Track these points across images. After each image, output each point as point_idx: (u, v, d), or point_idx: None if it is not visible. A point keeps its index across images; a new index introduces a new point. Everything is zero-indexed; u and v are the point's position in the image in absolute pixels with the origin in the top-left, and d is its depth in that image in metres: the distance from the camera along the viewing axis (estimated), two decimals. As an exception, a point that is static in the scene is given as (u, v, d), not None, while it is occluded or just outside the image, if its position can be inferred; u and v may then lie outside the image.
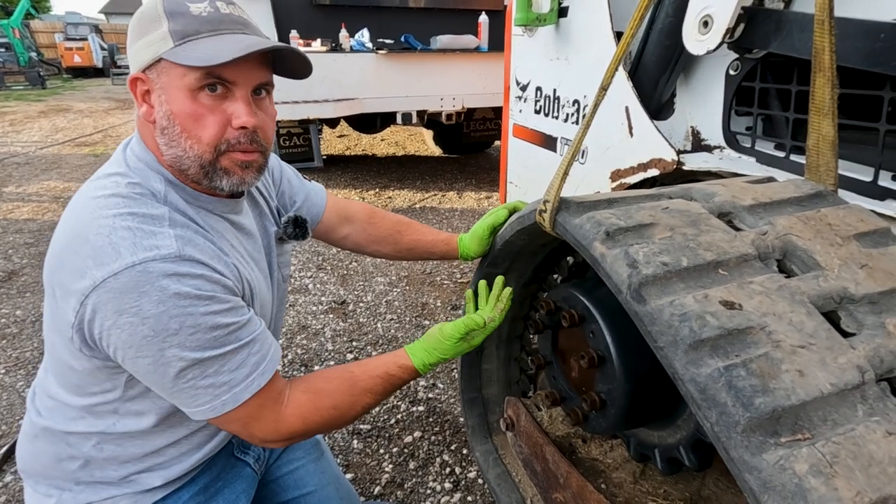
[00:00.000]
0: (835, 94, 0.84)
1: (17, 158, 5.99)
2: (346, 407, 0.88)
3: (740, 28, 1.07)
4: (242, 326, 0.78)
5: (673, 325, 0.62)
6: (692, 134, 1.36)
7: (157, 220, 0.74)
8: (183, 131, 0.75)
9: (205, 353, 0.74)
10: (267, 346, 0.82)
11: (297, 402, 0.85)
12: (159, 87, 0.75)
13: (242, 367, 0.78)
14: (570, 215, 0.82)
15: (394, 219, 1.24)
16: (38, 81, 13.92)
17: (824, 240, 0.74)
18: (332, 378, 0.91)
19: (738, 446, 0.53)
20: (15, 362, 2.29)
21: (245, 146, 0.78)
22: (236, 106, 0.76)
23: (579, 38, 1.55)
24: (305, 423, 0.84)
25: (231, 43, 0.73)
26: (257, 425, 0.81)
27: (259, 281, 0.91)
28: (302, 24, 4.19)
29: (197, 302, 0.72)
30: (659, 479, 1.12)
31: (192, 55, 0.71)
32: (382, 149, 6.63)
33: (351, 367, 0.94)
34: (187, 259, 0.72)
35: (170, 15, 0.73)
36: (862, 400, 0.57)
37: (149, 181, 0.78)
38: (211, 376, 0.75)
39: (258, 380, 0.79)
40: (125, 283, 0.68)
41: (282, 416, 0.83)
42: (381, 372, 0.93)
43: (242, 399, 0.78)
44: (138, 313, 0.69)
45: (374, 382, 0.91)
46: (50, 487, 0.89)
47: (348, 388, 0.89)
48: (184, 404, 0.78)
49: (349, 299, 2.83)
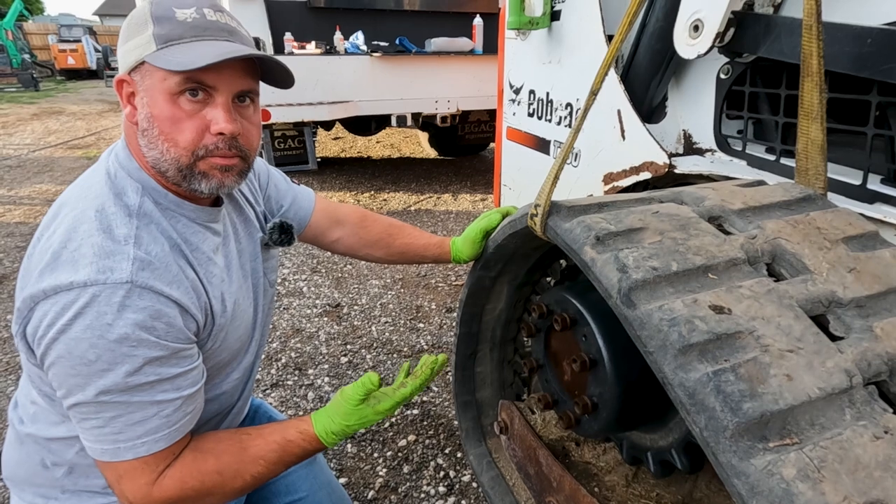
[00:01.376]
0: (823, 99, 0.85)
1: (9, 161, 5.94)
2: (232, 474, 0.79)
3: (730, 32, 1.08)
4: (165, 381, 0.73)
5: (662, 329, 0.62)
6: (684, 137, 1.36)
7: (122, 239, 0.73)
8: (161, 134, 0.75)
9: (108, 396, 0.70)
10: (179, 415, 0.76)
11: (179, 462, 0.77)
12: (143, 89, 0.75)
13: (138, 426, 0.72)
14: (560, 219, 0.82)
15: (386, 222, 1.24)
16: (31, 83, 13.83)
17: (813, 243, 0.74)
18: (223, 439, 0.83)
19: (726, 451, 0.53)
20: (5, 367, 2.27)
21: (223, 152, 0.77)
22: (215, 112, 0.75)
23: (571, 42, 1.56)
24: (182, 488, 0.76)
25: (211, 48, 0.73)
26: (129, 483, 0.75)
27: (233, 292, 0.89)
28: (296, 27, 4.19)
29: (123, 341, 0.69)
30: (651, 482, 1.12)
31: (171, 59, 0.72)
32: (377, 151, 6.63)
33: (248, 429, 0.86)
34: (139, 286, 0.70)
35: (156, 19, 0.73)
36: (850, 404, 0.57)
37: (125, 192, 0.78)
38: (102, 421, 0.71)
39: (148, 446, 0.73)
40: (70, 301, 0.68)
41: (159, 478, 0.75)
42: (278, 437, 0.83)
43: (122, 458, 0.73)
44: (64, 331, 0.68)
45: (269, 448, 0.82)
46: (35, 496, 0.88)
47: (237, 452, 0.80)
48: (75, 424, 0.75)
49: (343, 302, 2.82)
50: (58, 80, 17.10)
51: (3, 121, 8.75)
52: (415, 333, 2.53)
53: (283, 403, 2.03)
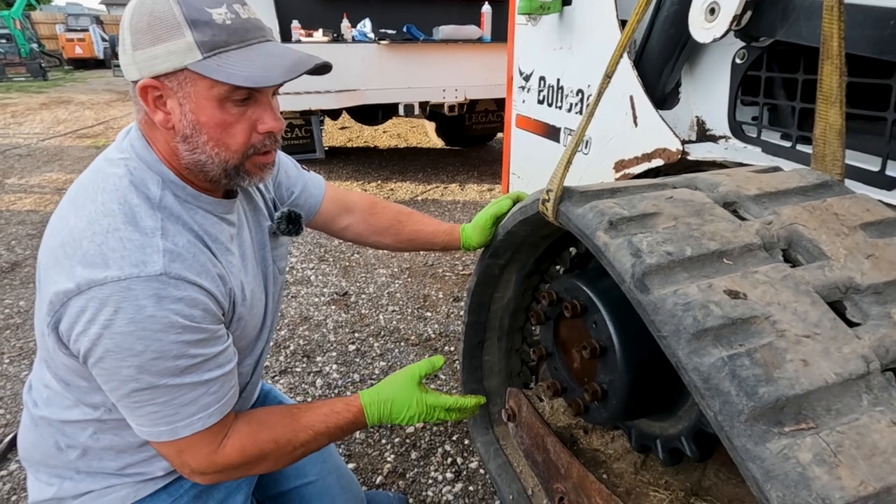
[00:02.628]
0: (843, 83, 0.83)
1: (19, 150, 5.99)
2: (285, 441, 0.86)
3: (747, 15, 1.06)
4: (208, 360, 0.77)
5: (676, 314, 0.61)
6: (697, 124, 1.34)
7: (150, 232, 0.73)
8: (210, 139, 0.75)
9: (160, 381, 0.73)
10: (226, 389, 0.81)
11: (238, 433, 0.83)
12: (181, 95, 0.73)
13: (192, 405, 0.77)
14: (573, 205, 0.81)
15: (395, 209, 1.24)
16: (39, 73, 13.87)
17: (830, 230, 0.73)
18: (274, 412, 0.90)
19: (741, 435, 0.53)
20: (19, 352, 2.30)
21: (269, 147, 0.80)
22: (262, 112, 0.77)
23: (583, 27, 1.54)
24: (243, 455, 0.83)
25: (267, 58, 0.73)
26: (191, 456, 0.80)
27: (250, 281, 0.90)
28: (304, 15, 4.16)
29: (169, 329, 0.71)
30: (660, 470, 1.13)
31: (229, 72, 0.70)
32: (384, 141, 6.61)
33: (297, 404, 0.95)
34: (173, 277, 0.72)
35: (193, 24, 0.70)
36: (867, 390, 0.56)
37: (146, 184, 0.77)
38: (158, 405, 0.75)
39: (203, 421, 0.78)
40: (106, 296, 0.69)
41: (219, 447, 0.81)
42: (326, 409, 0.91)
43: (180, 435, 0.77)
44: (109, 326, 0.69)
45: (317, 419, 0.90)
46: (51, 476, 0.89)
47: (290, 422, 0.88)
48: (127, 416, 0.78)
49: (351, 291, 2.83)
50: (66, 69, 17.15)
51: (13, 110, 8.80)
52: (422, 322, 2.53)
53: (292, 390, 2.05)
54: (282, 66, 0.73)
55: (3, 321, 2.54)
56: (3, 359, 2.25)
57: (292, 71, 0.73)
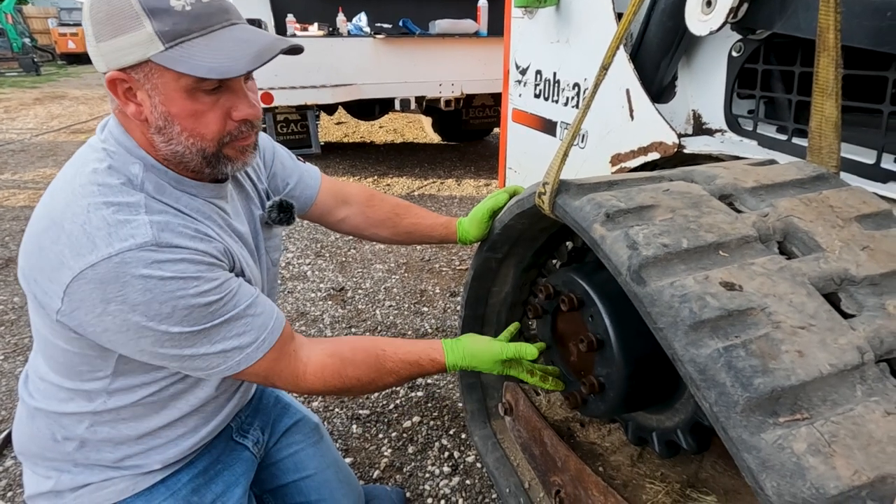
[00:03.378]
0: (839, 75, 0.83)
1: (12, 146, 5.93)
2: (368, 381, 0.91)
3: (744, 8, 1.05)
4: (235, 293, 0.79)
5: (673, 306, 0.61)
6: (693, 117, 1.34)
7: (133, 207, 0.73)
8: (184, 130, 0.74)
9: (206, 325, 0.75)
10: (268, 307, 0.84)
11: (320, 364, 0.87)
12: (149, 87, 0.72)
13: (249, 331, 0.80)
14: (569, 197, 0.81)
15: (392, 202, 1.23)
16: (32, 68, 13.73)
17: (826, 222, 0.73)
18: (359, 350, 0.92)
19: (736, 426, 0.53)
20: (14, 348, 2.29)
21: (246, 134, 0.79)
22: (235, 99, 0.76)
23: (580, 20, 1.53)
24: (325, 385, 0.88)
25: (230, 43, 0.71)
26: (277, 378, 0.85)
27: (249, 262, 0.90)
28: (299, 8, 4.13)
29: (184, 284, 0.72)
30: (656, 462, 1.13)
31: (196, 63, 0.68)
32: (381, 136, 6.59)
33: (382, 344, 0.95)
34: (165, 245, 0.71)
35: (151, 13, 0.67)
36: (861, 380, 0.56)
37: (126, 166, 0.77)
38: (219, 342, 0.78)
39: (268, 338, 0.82)
40: (104, 274, 0.68)
41: (301, 373, 0.86)
42: (413, 359, 0.94)
43: (255, 359, 0.81)
44: (126, 301, 0.69)
45: (402, 367, 0.93)
46: (49, 469, 0.89)
47: (375, 365, 0.91)
48: (198, 369, 0.80)
49: (348, 286, 2.83)
50: (59, 64, 16.99)
51: (6, 105, 8.72)
52: (419, 317, 2.53)
53: (289, 385, 2.05)
54: (249, 53, 0.70)
55: (-3, 317, 2.53)
56: (-2, 355, 2.24)
57: (259, 58, 0.70)
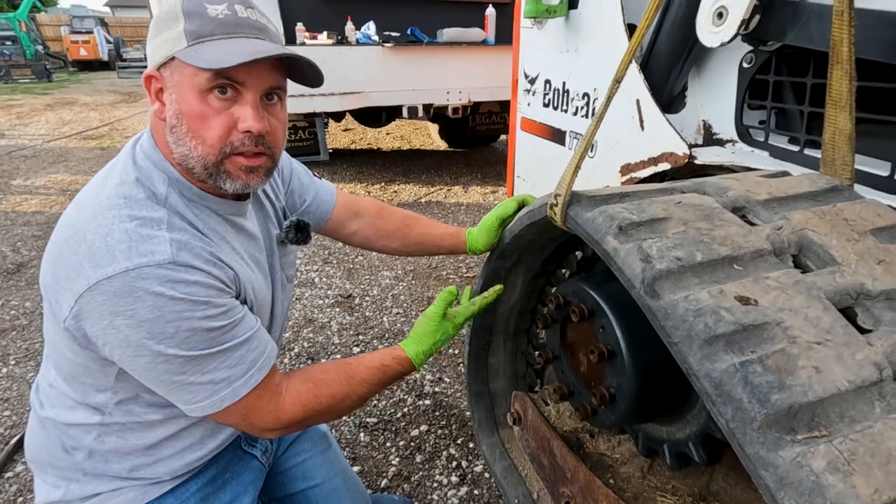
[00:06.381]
0: (853, 87, 0.83)
1: (24, 151, 6.01)
2: (343, 395, 0.91)
3: (755, 19, 1.06)
4: (238, 324, 0.79)
5: (687, 320, 0.61)
6: (704, 128, 1.34)
7: (155, 223, 0.74)
8: (189, 130, 0.75)
9: (203, 351, 0.75)
10: (264, 342, 0.84)
11: (297, 391, 0.87)
12: (171, 85, 0.75)
13: (241, 364, 0.79)
14: (581, 209, 0.81)
15: (402, 213, 1.24)
16: (44, 74, 13.94)
17: (840, 235, 0.73)
18: (329, 370, 0.93)
19: (753, 442, 0.53)
20: (25, 353, 2.31)
21: (250, 148, 0.77)
22: (244, 110, 0.76)
23: (590, 30, 1.54)
24: (305, 411, 0.87)
25: (242, 46, 0.73)
26: (256, 416, 0.84)
27: (259, 283, 0.91)
28: (308, 17, 4.17)
29: (193, 307, 0.73)
30: (667, 474, 1.12)
31: (201, 56, 0.71)
32: (388, 143, 6.62)
33: (348, 360, 0.97)
34: (182, 265, 0.72)
35: (187, 15, 0.73)
36: (879, 397, 0.56)
37: (152, 181, 0.78)
38: (210, 372, 0.77)
39: (256, 375, 0.81)
40: (119, 287, 0.69)
41: (281, 405, 0.85)
42: (378, 363, 0.96)
43: (241, 394, 0.80)
44: (133, 316, 0.70)
45: (370, 373, 0.94)
46: (58, 479, 0.90)
47: (346, 379, 0.92)
48: (182, 401, 0.79)
49: (355, 293, 2.83)
50: (70, 71, 17.23)
51: (18, 111, 8.85)
52: (426, 324, 2.53)
53: (296, 392, 2.05)
54: (244, 52, 0.72)
55: (8, 322, 2.55)
56: (8, 360, 2.26)
57: (250, 56, 0.71)
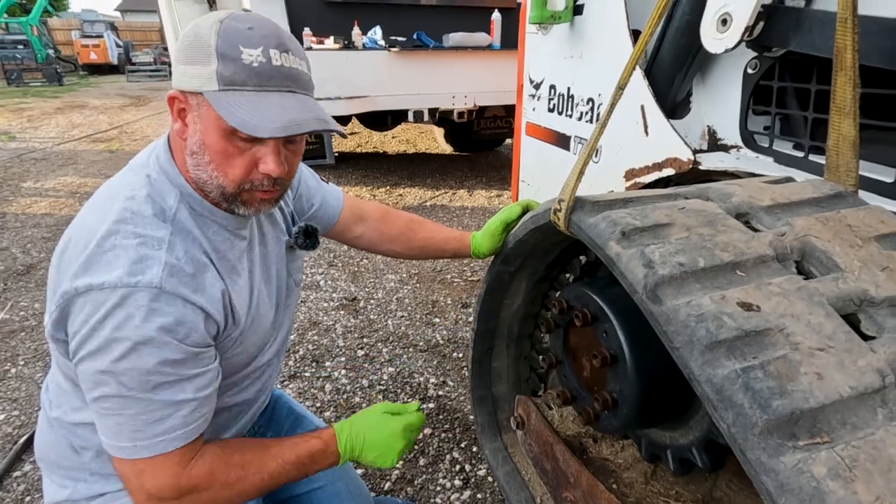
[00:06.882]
0: (856, 94, 0.83)
1: (34, 154, 6.09)
2: (255, 468, 0.84)
3: (759, 26, 1.06)
4: (183, 381, 0.76)
5: (689, 325, 0.61)
6: (708, 133, 1.34)
7: (156, 242, 0.75)
8: (212, 162, 0.76)
9: (130, 392, 0.73)
10: (196, 415, 0.78)
11: (208, 455, 0.81)
12: (196, 115, 0.75)
13: (156, 425, 0.75)
14: (585, 215, 0.82)
15: (406, 217, 1.25)
16: (54, 78, 14.12)
17: (844, 241, 0.73)
18: (247, 441, 0.93)
19: (754, 448, 0.53)
20: (34, 354, 2.33)
21: (268, 188, 0.80)
22: (266, 153, 0.77)
23: (594, 36, 1.54)
24: (211, 478, 0.80)
25: (275, 109, 0.73)
26: (150, 479, 0.77)
27: (257, 297, 0.91)
28: (315, 22, 4.21)
29: (148, 342, 0.71)
30: (670, 480, 1.12)
31: (231, 112, 0.71)
32: (393, 146, 6.65)
33: (272, 439, 0.93)
34: (167, 292, 0.73)
35: (221, 56, 0.72)
36: (882, 404, 0.56)
37: (163, 197, 0.80)
38: (123, 418, 0.74)
39: (165, 444, 0.76)
40: (102, 300, 0.71)
41: (185, 469, 0.78)
42: (297, 438, 0.91)
43: (139, 455, 0.75)
44: (96, 328, 0.71)
45: (285, 447, 0.88)
46: (65, 479, 0.91)
47: (260, 449, 0.87)
48: (103, 432, 0.77)
49: (360, 296, 2.84)
50: (80, 74, 17.42)
51: (29, 114, 8.96)
52: (430, 328, 2.54)
53: (301, 395, 2.06)
54: (280, 121, 0.72)
55: (18, 323, 2.58)
56: (17, 361, 2.28)
57: (284, 130, 0.72)
